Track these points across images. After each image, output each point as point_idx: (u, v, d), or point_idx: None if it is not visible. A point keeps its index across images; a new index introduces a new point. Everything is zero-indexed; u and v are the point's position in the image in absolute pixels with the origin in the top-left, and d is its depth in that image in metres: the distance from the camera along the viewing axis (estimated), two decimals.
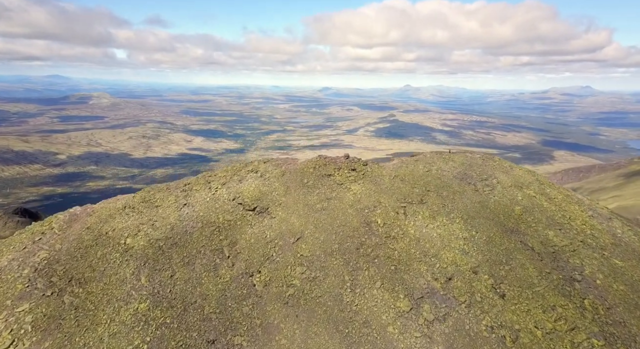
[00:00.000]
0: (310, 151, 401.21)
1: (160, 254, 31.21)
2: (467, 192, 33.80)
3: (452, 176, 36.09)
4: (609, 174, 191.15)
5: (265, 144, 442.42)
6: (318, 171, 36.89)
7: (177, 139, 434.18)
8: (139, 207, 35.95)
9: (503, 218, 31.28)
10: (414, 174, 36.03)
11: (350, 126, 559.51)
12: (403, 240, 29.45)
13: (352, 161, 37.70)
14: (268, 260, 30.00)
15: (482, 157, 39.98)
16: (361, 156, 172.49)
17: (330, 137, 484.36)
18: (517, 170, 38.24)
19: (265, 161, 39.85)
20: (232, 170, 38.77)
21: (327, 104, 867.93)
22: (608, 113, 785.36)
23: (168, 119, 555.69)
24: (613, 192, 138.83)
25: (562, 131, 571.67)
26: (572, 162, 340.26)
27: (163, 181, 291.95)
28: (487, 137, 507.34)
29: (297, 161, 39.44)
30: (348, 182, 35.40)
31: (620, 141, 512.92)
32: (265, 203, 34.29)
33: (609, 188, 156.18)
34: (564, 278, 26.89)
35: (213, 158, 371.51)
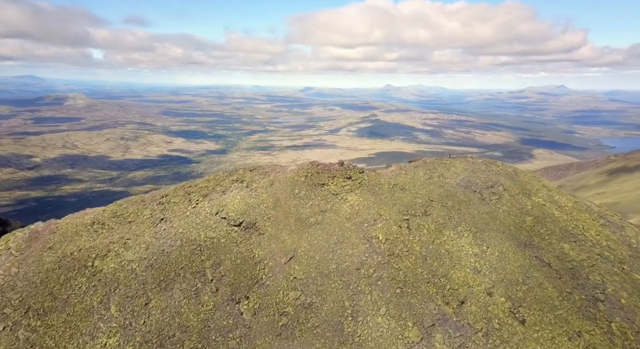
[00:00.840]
0: (293, 151, 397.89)
1: (133, 279, 27.47)
2: (474, 202, 31.02)
3: (455, 184, 33.29)
4: (588, 171, 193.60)
5: (247, 144, 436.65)
6: (310, 180, 33.60)
7: (157, 141, 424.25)
8: (110, 223, 32.05)
9: (514, 230, 28.58)
10: (414, 182, 33.08)
11: (333, 125, 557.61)
12: (408, 258, 26.43)
13: (347, 168, 34.55)
14: (257, 284, 26.59)
15: (485, 162, 37.35)
16: (344, 156, 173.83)
17: (312, 137, 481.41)
18: (522, 175, 35.71)
19: (251, 169, 36.34)
20: (215, 180, 35.13)
21: (309, 104, 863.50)
22: (582, 111, 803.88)
23: (147, 120, 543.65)
24: (595, 190, 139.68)
25: (540, 129, 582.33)
26: (551, 161, 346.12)
27: (143, 183, 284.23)
28: (467, 136, 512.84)
29: (286, 168, 36.07)
30: (344, 192, 32.23)
31: (594, 138, 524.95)
32: (253, 217, 30.82)
33: (590, 186, 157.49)
34: (587, 298, 24.31)
35: (194, 159, 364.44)
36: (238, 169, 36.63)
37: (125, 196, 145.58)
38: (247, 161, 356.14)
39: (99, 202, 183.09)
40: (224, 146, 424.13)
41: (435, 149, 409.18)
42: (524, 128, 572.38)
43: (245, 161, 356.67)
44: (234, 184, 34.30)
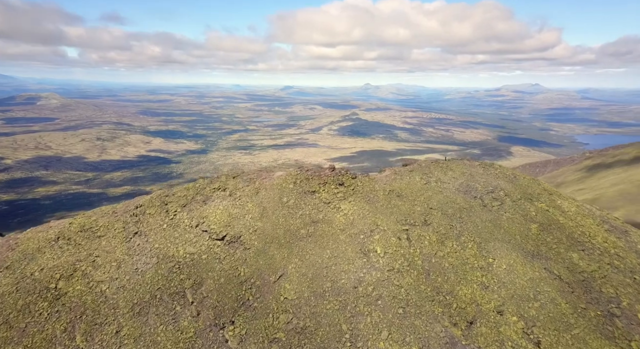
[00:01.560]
0: (274, 151, 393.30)
1: (103, 303, 24.38)
2: (475, 209, 28.99)
3: (454, 189, 31.22)
4: (565, 168, 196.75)
5: (227, 144, 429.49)
6: (300, 187, 30.98)
7: (135, 141, 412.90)
8: (77, 239, 28.75)
9: (520, 240, 26.66)
10: (411, 188, 30.85)
11: (314, 124, 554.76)
12: (410, 274, 24.15)
13: (339, 173, 32.05)
14: (243, 306, 23.86)
15: (482, 165, 35.47)
16: (326, 155, 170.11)
17: (294, 136, 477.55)
18: (521, 179, 33.95)
19: (235, 175, 33.46)
20: (194, 188, 32.12)
21: (290, 102, 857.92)
22: (556, 109, 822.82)
23: (124, 120, 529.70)
24: (575, 186, 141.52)
25: (516, 127, 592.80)
26: (528, 158, 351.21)
27: (121, 184, 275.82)
28: (446, 134, 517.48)
29: (272, 174, 33.34)
30: (336, 200, 29.73)
31: (568, 135, 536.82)
32: (237, 230, 28.03)
33: (569, 182, 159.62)
34: (602, 314, 22.51)
35: (173, 160, 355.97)
36: (220, 176, 33.71)
37: (103, 197, 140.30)
38: (228, 161, 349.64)
39: (74, 204, 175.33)
40: (203, 145, 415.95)
41: (415, 147, 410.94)
42: (501, 126, 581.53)
43: (226, 161, 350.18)
44: (216, 193, 31.39)
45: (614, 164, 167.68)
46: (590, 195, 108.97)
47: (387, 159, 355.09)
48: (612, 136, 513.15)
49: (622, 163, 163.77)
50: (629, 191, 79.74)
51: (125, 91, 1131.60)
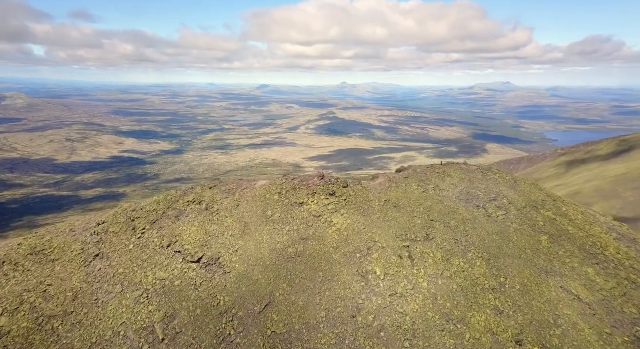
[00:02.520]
0: (251, 150, 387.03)
1: (54, 343, 20.51)
2: (480, 220, 26.39)
3: (455, 198, 28.56)
4: (540, 165, 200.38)
5: (203, 144, 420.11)
6: (286, 198, 27.65)
7: (107, 142, 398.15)
8: (26, 264, 24.60)
9: (531, 254, 24.19)
10: (409, 197, 28.00)
11: (291, 123, 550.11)
12: (415, 299, 21.24)
13: (329, 182, 28.88)
14: (224, 343, 20.39)
15: (480, 170, 33.01)
16: (303, 154, 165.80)
17: (271, 136, 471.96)
18: (522, 184, 31.66)
19: (211, 185, 29.80)
20: (166, 201, 28.31)
21: (266, 101, 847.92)
22: (527, 107, 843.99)
23: (95, 120, 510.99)
24: (554, 182, 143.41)
25: (489, 124, 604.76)
26: (503, 155, 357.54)
27: (93, 186, 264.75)
28: (422, 132, 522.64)
29: (254, 184, 29.87)
30: (328, 213, 26.55)
31: (539, 132, 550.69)
32: (215, 250, 24.50)
33: (545, 178, 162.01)
34: (630, 340, 20.20)
35: (148, 160, 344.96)
36: (195, 187, 29.97)
37: (74, 200, 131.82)
38: (204, 161, 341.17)
39: (43, 208, 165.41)
40: (179, 145, 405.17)
41: (392, 146, 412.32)
42: (475, 123, 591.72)
43: (202, 161, 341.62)
44: (191, 207, 27.69)
45: (588, 160, 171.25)
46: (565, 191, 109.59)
47: (364, 157, 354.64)
48: (580, 132, 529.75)
49: (595, 159, 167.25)
50: (603, 188, 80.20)
51: (96, 91, 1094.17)
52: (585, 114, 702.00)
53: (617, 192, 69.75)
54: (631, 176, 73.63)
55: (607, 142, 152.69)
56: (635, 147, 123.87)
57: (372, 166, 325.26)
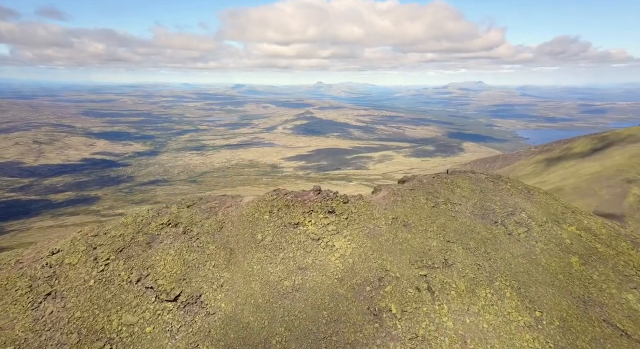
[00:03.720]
0: (227, 151, 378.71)
1: None
2: (501, 239, 23.16)
3: (469, 213, 25.26)
4: (517, 163, 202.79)
5: (178, 144, 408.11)
6: (278, 218, 23.65)
7: (77, 143, 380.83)
8: None
9: (564, 280, 21.10)
10: (418, 214, 24.50)
11: (268, 123, 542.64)
12: (440, 343, 17.69)
13: (327, 197, 25.04)
14: None
15: (490, 179, 29.91)
16: (281, 155, 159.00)
17: (248, 136, 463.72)
18: (537, 195, 28.73)
19: (190, 203, 25.46)
20: (135, 224, 23.82)
21: (242, 101, 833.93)
22: (499, 106, 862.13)
23: (64, 121, 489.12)
24: (534, 179, 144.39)
25: (463, 123, 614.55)
26: (479, 153, 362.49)
27: (64, 189, 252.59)
28: (398, 131, 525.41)
29: (240, 200, 25.71)
30: (328, 234, 22.73)
31: (510, 131, 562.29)
32: (196, 285, 20.30)
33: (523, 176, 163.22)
34: None
35: (121, 162, 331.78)
36: (169, 205, 25.54)
37: (42, 205, 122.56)
38: (179, 162, 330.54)
39: (9, 213, 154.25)
40: (152, 147, 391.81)
41: (369, 145, 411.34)
42: (449, 122, 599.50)
43: (177, 162, 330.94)
44: (165, 230, 23.32)
45: (563, 158, 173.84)
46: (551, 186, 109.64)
47: (343, 157, 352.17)
48: (549, 130, 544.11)
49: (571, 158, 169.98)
50: (579, 186, 80.00)
51: (65, 91, 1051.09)
52: (554, 112, 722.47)
53: (593, 190, 69.27)
54: (605, 173, 73.48)
55: (580, 141, 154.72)
56: (608, 146, 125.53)
57: (351, 166, 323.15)
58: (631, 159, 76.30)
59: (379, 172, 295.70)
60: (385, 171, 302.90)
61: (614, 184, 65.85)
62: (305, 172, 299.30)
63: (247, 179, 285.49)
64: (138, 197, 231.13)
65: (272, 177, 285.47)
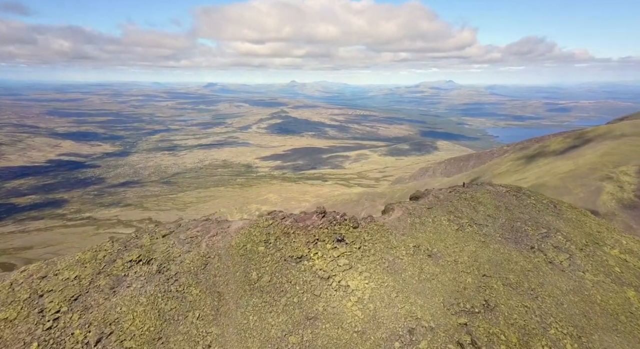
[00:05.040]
0: (200, 150, 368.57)
1: None
2: (543, 270, 19.51)
3: (499, 236, 21.54)
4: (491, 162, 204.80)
5: (148, 145, 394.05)
6: (276, 250, 19.16)
7: (40, 144, 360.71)
8: None
9: (627, 322, 17.60)
10: (443, 240, 20.57)
11: (241, 122, 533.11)
12: None
13: (333, 220, 20.74)
14: None
15: (511, 192, 26.40)
16: (256, 154, 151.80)
17: (221, 135, 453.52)
18: (565, 210, 25.43)
19: (165, 231, 20.57)
20: (94, 262, 18.76)
21: (215, 100, 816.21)
22: (468, 104, 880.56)
23: (27, 121, 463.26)
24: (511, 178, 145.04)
25: (435, 121, 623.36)
26: (452, 152, 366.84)
27: (29, 193, 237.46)
28: (372, 130, 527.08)
29: (227, 227, 21.03)
30: (339, 271, 18.44)
31: (481, 129, 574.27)
32: (176, 348, 15.59)
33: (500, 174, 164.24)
34: None
35: (89, 163, 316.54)
36: (140, 235, 20.57)
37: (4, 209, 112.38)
38: (150, 163, 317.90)
39: None
40: (122, 147, 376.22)
41: (344, 144, 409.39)
42: (422, 121, 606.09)
43: (147, 163, 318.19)
44: (135, 270, 18.41)
45: (537, 156, 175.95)
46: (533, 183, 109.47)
47: (319, 156, 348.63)
48: (517, 128, 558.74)
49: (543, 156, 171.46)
50: (555, 184, 79.41)
51: (28, 90, 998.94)
52: (521, 111, 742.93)
53: (568, 188, 68.47)
54: (579, 172, 72.95)
55: (553, 140, 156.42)
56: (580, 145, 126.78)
57: (327, 165, 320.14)
58: (603, 157, 76.17)
59: (355, 172, 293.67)
60: (360, 170, 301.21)
61: (588, 183, 65.21)
62: (282, 172, 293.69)
63: (220, 179, 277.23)
64: (107, 200, 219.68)
65: (247, 177, 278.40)
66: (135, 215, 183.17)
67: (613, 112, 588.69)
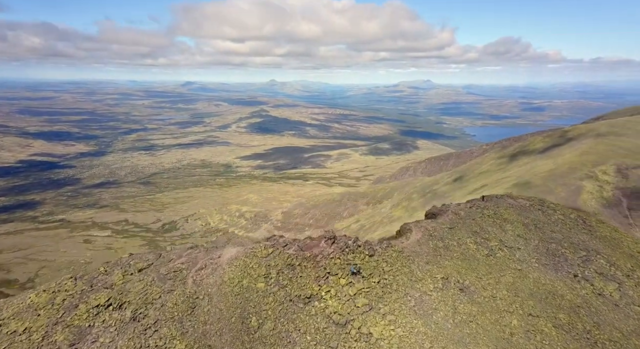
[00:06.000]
0: (178, 150, 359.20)
1: None
2: (595, 305, 16.64)
3: (535, 261, 18.62)
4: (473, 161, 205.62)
5: (125, 144, 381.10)
6: (279, 287, 15.63)
7: (10, 144, 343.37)
8: None
9: None
10: (474, 269, 17.47)
11: (220, 121, 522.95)
12: None
13: (345, 248, 17.33)
14: None
15: (535, 205, 23.62)
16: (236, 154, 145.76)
17: (200, 134, 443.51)
18: (596, 226, 22.78)
19: (141, 266, 16.73)
20: (52, 307, 14.76)
21: (194, 99, 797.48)
22: (446, 104, 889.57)
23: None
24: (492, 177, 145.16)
25: (415, 121, 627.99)
26: (433, 151, 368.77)
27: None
28: (352, 130, 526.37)
29: (217, 256, 17.34)
30: (357, 313, 15.07)
31: (459, 128, 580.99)
32: None
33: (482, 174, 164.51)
34: None
35: (62, 164, 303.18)
36: (109, 270, 16.65)
37: None
38: (126, 163, 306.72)
39: None
40: (97, 147, 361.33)
41: (325, 143, 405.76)
42: (401, 120, 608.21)
43: (124, 163, 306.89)
44: (103, 317, 14.56)
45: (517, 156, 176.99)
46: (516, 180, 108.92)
47: (300, 155, 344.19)
48: (494, 127, 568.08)
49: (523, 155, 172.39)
50: (536, 184, 78.72)
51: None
52: (498, 110, 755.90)
53: (549, 188, 67.61)
54: (559, 171, 72.41)
55: (532, 139, 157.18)
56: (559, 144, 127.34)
57: (309, 164, 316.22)
58: (582, 156, 75.86)
59: (336, 171, 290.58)
60: (341, 169, 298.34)
61: (569, 182, 64.65)
62: (262, 172, 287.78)
63: (199, 179, 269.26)
64: (82, 201, 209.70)
65: (227, 177, 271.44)
66: (111, 217, 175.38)
67: (585, 111, 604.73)
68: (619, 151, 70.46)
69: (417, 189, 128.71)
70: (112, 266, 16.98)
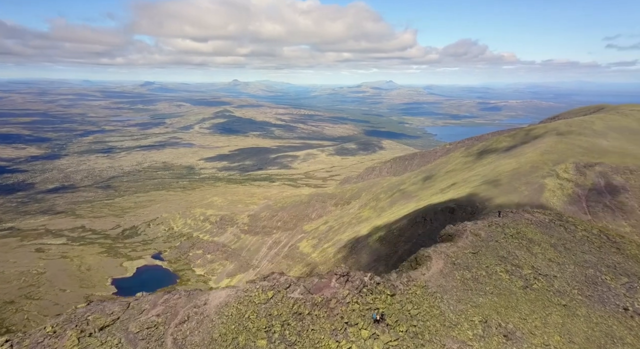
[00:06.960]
0: (138, 152, 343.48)
1: None
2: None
3: (577, 292, 16.07)
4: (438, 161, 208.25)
5: (80, 147, 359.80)
6: (287, 345, 12.11)
7: None
8: None
9: None
10: (513, 306, 14.62)
11: (183, 122, 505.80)
12: None
13: (362, 287, 13.98)
14: None
15: (555, 222, 21.27)
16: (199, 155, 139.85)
17: (162, 136, 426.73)
18: (622, 243, 20.69)
19: (105, 322, 12.64)
20: None
21: (154, 99, 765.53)
22: (408, 104, 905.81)
23: None
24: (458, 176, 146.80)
25: (378, 121, 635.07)
26: (397, 150, 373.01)
27: None
28: (317, 130, 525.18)
29: (204, 301, 13.52)
30: None
31: (420, 128, 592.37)
32: None
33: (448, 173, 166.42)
34: None
35: (12, 168, 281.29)
36: (61, 332, 12.44)
37: None
38: (82, 167, 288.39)
39: None
40: (50, 150, 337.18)
41: (291, 144, 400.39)
42: (365, 120, 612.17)
43: (79, 167, 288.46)
44: None
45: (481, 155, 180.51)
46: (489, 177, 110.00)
47: (267, 156, 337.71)
48: (455, 127, 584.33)
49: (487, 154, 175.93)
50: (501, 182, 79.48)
51: None
52: (457, 110, 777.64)
53: (513, 186, 68.08)
54: (522, 170, 73.29)
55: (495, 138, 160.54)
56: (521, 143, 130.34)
57: (275, 165, 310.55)
58: (543, 155, 77.10)
59: (302, 172, 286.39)
60: (307, 169, 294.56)
61: (532, 181, 65.33)
62: (228, 173, 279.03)
63: (161, 182, 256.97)
64: (34, 207, 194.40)
65: (190, 180, 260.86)
66: (66, 223, 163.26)
67: (538, 111, 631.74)
68: (577, 149, 71.64)
69: (384, 189, 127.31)
70: (62, 324, 12.75)
